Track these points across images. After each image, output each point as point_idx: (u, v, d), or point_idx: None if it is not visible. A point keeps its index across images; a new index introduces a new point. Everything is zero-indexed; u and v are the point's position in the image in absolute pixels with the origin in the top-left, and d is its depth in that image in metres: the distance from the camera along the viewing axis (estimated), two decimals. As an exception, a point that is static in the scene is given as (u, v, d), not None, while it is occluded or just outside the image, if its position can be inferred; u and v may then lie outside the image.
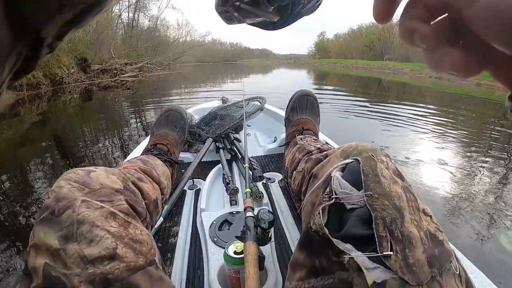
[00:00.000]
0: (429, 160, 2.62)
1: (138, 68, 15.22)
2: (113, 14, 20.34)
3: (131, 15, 23.51)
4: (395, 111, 4.87)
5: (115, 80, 12.25)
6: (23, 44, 0.15)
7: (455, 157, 2.78)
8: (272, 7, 0.21)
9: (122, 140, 3.41)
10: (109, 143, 3.28)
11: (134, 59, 16.52)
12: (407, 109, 5.15)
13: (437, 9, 0.18)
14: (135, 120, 4.52)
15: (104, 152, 2.96)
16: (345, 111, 4.80)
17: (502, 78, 0.18)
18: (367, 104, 5.83)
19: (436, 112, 5.21)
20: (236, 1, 0.21)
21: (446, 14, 0.18)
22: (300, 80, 13.36)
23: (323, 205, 0.47)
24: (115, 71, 13.29)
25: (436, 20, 0.18)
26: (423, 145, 3.12)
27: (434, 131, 3.63)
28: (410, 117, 4.41)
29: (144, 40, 22.51)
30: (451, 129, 3.77)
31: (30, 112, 5.71)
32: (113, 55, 14.76)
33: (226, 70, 23.94)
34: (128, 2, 22.87)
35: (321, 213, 0.46)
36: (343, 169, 0.53)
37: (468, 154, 2.89)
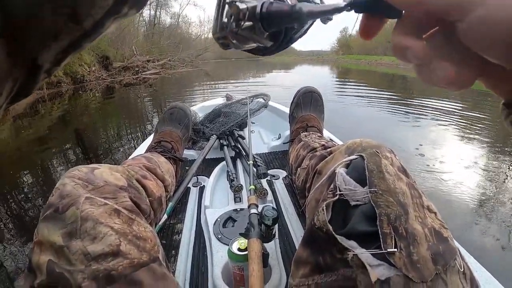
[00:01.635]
0: (456, 160, 2.55)
1: (161, 65, 15.22)
2: None
3: (152, 12, 23.61)
4: (421, 109, 4.76)
5: (137, 77, 12.28)
6: (20, 71, 0.15)
7: (483, 155, 2.70)
8: (267, 33, 0.22)
9: (144, 136, 3.43)
10: (130, 140, 3.32)
11: (156, 56, 16.51)
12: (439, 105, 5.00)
13: (429, 22, 0.18)
14: (157, 117, 4.53)
15: (125, 148, 3.00)
16: (377, 108, 4.71)
17: (496, 89, 0.18)
18: (395, 102, 5.64)
19: (464, 108, 5.03)
20: (234, 28, 0.22)
21: (437, 28, 0.18)
22: (324, 76, 13.14)
23: (327, 201, 0.47)
24: (137, 69, 13.30)
25: (428, 33, 0.18)
26: (450, 143, 3.04)
27: (463, 129, 3.54)
28: (436, 113, 4.30)
29: (166, 37, 22.56)
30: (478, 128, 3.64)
31: (51, 111, 5.81)
32: (135, 53, 14.78)
33: (249, 66, 23.79)
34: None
35: (325, 210, 0.46)
36: (347, 166, 0.53)
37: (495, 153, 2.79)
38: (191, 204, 0.99)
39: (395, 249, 0.37)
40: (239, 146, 1.30)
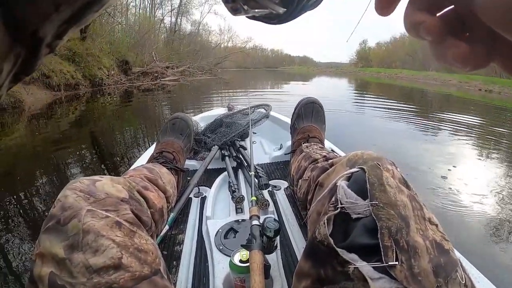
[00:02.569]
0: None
1: (180, 72, 15.25)
2: (156, 18, 20.77)
3: (173, 19, 24.06)
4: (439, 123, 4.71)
5: (156, 83, 12.26)
6: (21, 45, 0.15)
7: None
8: None
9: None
10: (145, 144, 3.31)
11: (176, 63, 16.59)
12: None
13: (444, 0, 0.17)
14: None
15: (141, 153, 3.00)
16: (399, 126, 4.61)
17: None
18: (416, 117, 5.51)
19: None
20: None
21: (453, 6, 0.17)
22: (342, 87, 12.99)
23: (328, 214, 0.47)
24: (156, 74, 13.32)
25: (442, 12, 0.17)
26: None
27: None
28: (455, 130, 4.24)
29: (186, 44, 22.82)
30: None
31: (68, 112, 5.84)
32: (155, 58, 14.85)
33: (267, 76, 23.71)
34: (171, 7, 23.39)
35: (326, 223, 0.46)
36: (348, 178, 0.53)
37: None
38: (193, 214, 0.99)
39: (396, 262, 0.37)
40: (240, 156, 1.31)
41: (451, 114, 5.74)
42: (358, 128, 4.29)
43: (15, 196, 2.10)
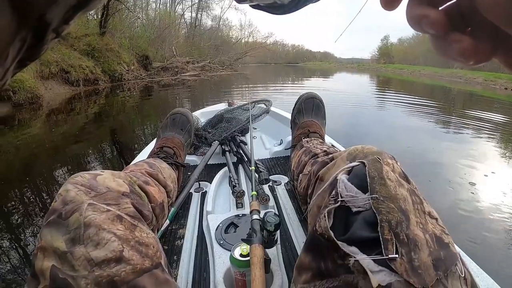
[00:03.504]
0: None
1: (200, 67, 15.16)
2: (176, 14, 20.77)
3: (194, 14, 24.04)
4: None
5: (176, 78, 12.19)
6: (27, 29, 0.14)
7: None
8: None
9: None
10: None
11: (196, 58, 16.50)
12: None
13: None
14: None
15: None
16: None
17: None
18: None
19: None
20: None
21: (455, 0, 0.17)
22: (367, 86, 12.54)
23: (328, 208, 0.47)
24: (176, 69, 13.28)
25: (445, 5, 0.17)
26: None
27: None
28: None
29: (207, 40, 22.69)
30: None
31: (87, 108, 5.85)
32: (175, 53, 14.81)
33: (287, 71, 23.38)
34: (191, 2, 23.32)
35: (326, 216, 0.46)
36: (349, 172, 0.53)
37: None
38: (193, 209, 0.99)
39: (396, 255, 0.37)
40: (241, 151, 1.31)
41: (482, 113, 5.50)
42: (377, 125, 4.23)
43: (34, 190, 2.14)
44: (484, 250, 1.53)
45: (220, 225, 0.85)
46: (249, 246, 0.61)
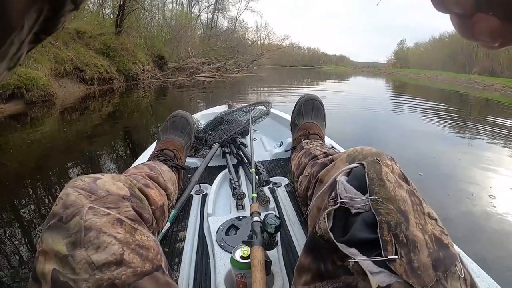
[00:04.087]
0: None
1: (216, 68, 15.09)
2: (192, 15, 20.95)
3: (210, 16, 24.34)
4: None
5: (191, 79, 12.16)
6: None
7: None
8: None
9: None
10: None
11: (212, 59, 16.44)
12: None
13: None
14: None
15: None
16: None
17: None
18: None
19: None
20: None
21: None
22: (384, 90, 12.24)
23: (328, 209, 0.47)
24: (192, 70, 13.25)
25: None
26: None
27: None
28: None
29: (223, 41, 22.80)
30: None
31: (101, 107, 5.85)
32: (191, 54, 14.79)
33: (302, 74, 23.14)
34: (208, 3, 23.58)
35: (326, 218, 0.46)
36: (348, 174, 0.53)
37: None
38: (194, 212, 0.99)
39: (396, 256, 0.37)
40: (241, 153, 1.31)
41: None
42: (393, 131, 4.14)
43: (46, 188, 2.15)
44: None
45: (221, 227, 0.85)
46: (249, 248, 0.61)
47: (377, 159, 0.51)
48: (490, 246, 1.59)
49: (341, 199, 0.47)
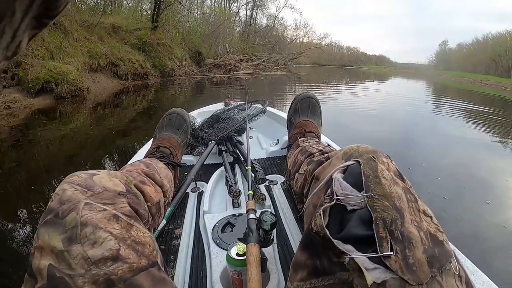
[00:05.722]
0: None
1: (254, 66, 14.81)
2: (231, 11, 20.91)
3: (249, 13, 24.11)
4: None
5: (229, 76, 11.93)
6: None
7: None
8: None
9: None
10: None
11: (250, 56, 16.15)
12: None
13: None
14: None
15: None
16: None
17: None
18: None
19: None
20: None
21: None
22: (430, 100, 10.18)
23: (324, 206, 0.47)
24: (229, 67, 13.02)
25: None
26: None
27: None
28: None
29: (262, 38, 22.55)
30: None
31: (135, 102, 5.78)
32: (228, 51, 14.55)
33: (342, 75, 22.53)
34: (246, 0, 23.32)
35: (322, 215, 0.46)
36: (344, 171, 0.53)
37: None
38: (190, 209, 0.99)
39: (391, 253, 0.37)
40: (237, 151, 1.31)
41: None
42: (431, 138, 4.03)
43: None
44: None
45: (217, 224, 0.85)
46: (245, 245, 0.61)
47: (373, 157, 0.51)
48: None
49: (337, 196, 0.47)
